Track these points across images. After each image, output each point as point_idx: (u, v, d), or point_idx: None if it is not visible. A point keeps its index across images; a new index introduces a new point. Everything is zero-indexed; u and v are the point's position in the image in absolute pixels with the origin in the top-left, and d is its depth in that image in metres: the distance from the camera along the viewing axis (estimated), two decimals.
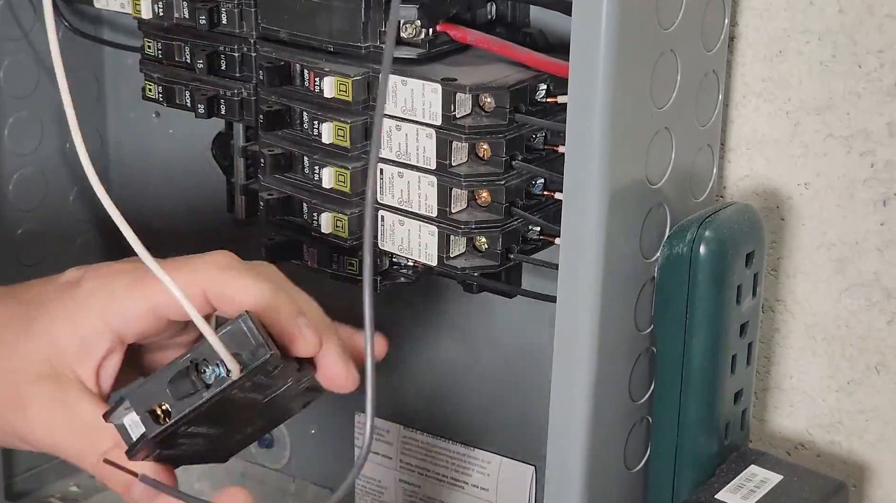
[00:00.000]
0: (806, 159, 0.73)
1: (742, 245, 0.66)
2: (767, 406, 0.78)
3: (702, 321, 0.65)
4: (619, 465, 0.69)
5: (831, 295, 0.74)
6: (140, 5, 0.78)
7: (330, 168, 0.72)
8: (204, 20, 0.76)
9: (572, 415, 0.64)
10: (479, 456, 0.85)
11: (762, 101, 0.73)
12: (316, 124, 0.72)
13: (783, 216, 0.75)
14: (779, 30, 0.72)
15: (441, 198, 0.69)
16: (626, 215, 0.63)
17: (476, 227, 0.69)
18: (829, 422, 0.76)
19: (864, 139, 0.71)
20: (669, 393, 0.67)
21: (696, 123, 0.68)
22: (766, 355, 0.77)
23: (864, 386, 0.75)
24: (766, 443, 0.78)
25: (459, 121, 0.67)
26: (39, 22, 0.90)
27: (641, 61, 0.62)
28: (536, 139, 0.69)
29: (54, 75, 0.55)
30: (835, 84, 0.71)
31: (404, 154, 0.70)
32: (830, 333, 0.75)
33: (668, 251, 0.66)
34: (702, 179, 0.70)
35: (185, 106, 0.79)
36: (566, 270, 0.63)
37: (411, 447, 0.88)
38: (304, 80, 0.72)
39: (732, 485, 0.67)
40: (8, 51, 0.89)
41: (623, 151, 0.62)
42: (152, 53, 0.80)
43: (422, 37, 0.69)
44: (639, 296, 0.66)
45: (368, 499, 0.91)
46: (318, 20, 0.71)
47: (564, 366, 0.64)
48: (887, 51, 0.69)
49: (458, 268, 0.71)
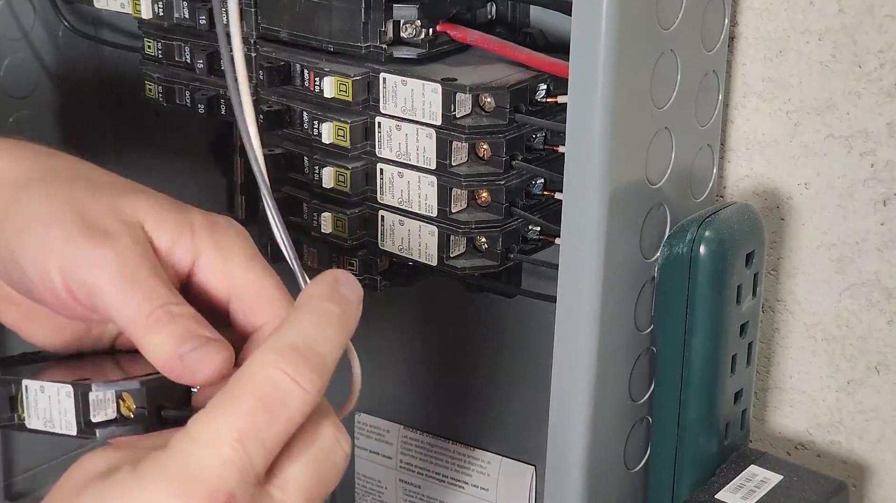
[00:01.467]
0: (806, 159, 0.73)
1: (742, 245, 0.66)
2: (767, 406, 0.78)
3: (702, 321, 0.65)
4: (619, 465, 0.69)
5: (831, 295, 0.74)
6: (140, 5, 0.78)
7: (330, 168, 0.72)
8: (204, 20, 0.76)
9: (572, 415, 0.64)
10: (479, 456, 0.85)
11: (762, 101, 0.73)
12: (316, 124, 0.72)
13: (783, 216, 0.75)
14: (779, 30, 0.72)
15: (441, 198, 0.69)
16: (626, 215, 0.63)
17: (476, 226, 0.69)
18: (829, 421, 0.76)
19: (865, 139, 0.71)
20: (669, 393, 0.67)
21: (696, 123, 0.68)
22: (766, 355, 0.77)
23: (864, 386, 0.75)
24: (766, 443, 0.78)
25: (459, 121, 0.67)
26: (39, 22, 0.90)
27: (641, 61, 0.62)
28: (536, 139, 0.69)
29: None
30: (835, 84, 0.71)
31: (404, 154, 0.70)
32: (830, 333, 0.75)
33: (668, 251, 0.66)
34: (702, 179, 0.70)
35: (185, 106, 0.79)
36: (566, 270, 0.63)
37: (411, 447, 0.88)
38: (304, 80, 0.72)
39: (732, 485, 0.67)
40: (8, 50, 0.89)
41: (623, 151, 0.62)
42: (152, 53, 0.80)
43: (422, 37, 0.69)
44: (639, 296, 0.66)
45: (368, 499, 0.91)
46: (318, 20, 0.71)
47: (564, 366, 0.64)
48: (887, 51, 0.69)
49: (458, 268, 0.71)
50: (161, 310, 0.49)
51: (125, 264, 0.50)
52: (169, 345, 0.48)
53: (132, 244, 0.50)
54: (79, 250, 0.50)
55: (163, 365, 0.49)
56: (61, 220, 0.50)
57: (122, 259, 0.50)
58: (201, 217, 0.53)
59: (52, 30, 0.91)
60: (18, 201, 0.52)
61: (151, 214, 0.52)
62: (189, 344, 0.48)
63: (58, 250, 0.50)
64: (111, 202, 0.52)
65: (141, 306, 0.49)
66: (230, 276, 0.52)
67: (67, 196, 0.51)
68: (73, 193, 0.52)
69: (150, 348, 0.49)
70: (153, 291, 0.49)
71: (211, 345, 0.48)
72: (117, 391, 0.49)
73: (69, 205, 0.51)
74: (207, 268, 0.52)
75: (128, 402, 0.49)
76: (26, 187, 0.52)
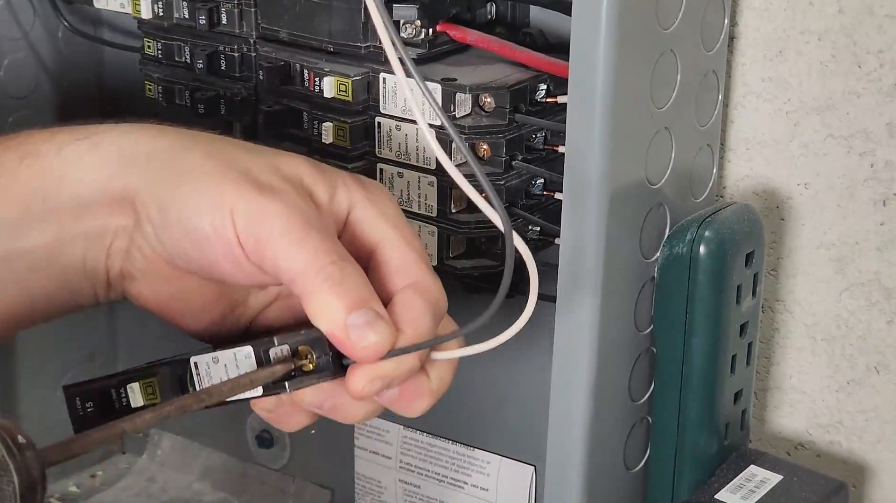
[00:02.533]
0: (806, 159, 0.73)
1: (742, 245, 0.66)
2: (767, 406, 0.78)
3: (702, 321, 0.65)
4: (619, 465, 0.69)
5: (831, 295, 0.74)
6: (140, 5, 0.78)
7: None
8: (204, 20, 0.76)
9: (572, 416, 0.64)
10: (478, 456, 0.85)
11: (762, 101, 0.73)
12: (316, 124, 0.72)
13: (783, 216, 0.75)
14: (778, 30, 0.72)
15: (441, 198, 0.69)
16: (625, 215, 0.63)
17: (476, 227, 0.69)
18: (828, 422, 0.76)
19: (864, 139, 0.71)
20: (669, 393, 0.67)
21: (695, 123, 0.68)
22: (765, 355, 0.77)
23: (863, 386, 0.75)
24: (765, 444, 0.78)
25: (459, 121, 0.67)
26: (39, 22, 0.90)
27: (641, 61, 0.62)
28: (536, 139, 0.69)
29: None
30: (834, 84, 0.71)
31: (404, 154, 0.70)
32: (830, 333, 0.75)
33: (667, 251, 0.66)
34: (702, 179, 0.70)
35: (184, 106, 0.79)
36: (566, 270, 0.63)
37: (411, 447, 0.88)
38: (304, 80, 0.72)
39: (732, 486, 0.67)
40: (8, 50, 0.89)
41: (623, 151, 0.62)
42: (152, 53, 0.80)
43: (422, 37, 0.69)
44: (638, 296, 0.66)
45: (368, 499, 0.91)
46: (318, 20, 0.71)
47: (564, 366, 0.64)
48: (887, 51, 0.69)
49: (458, 268, 0.71)
50: (332, 266, 0.49)
51: (295, 216, 0.50)
52: (339, 311, 0.49)
53: (298, 197, 0.51)
54: (250, 202, 0.50)
55: (329, 328, 0.49)
56: (228, 176, 0.51)
57: (291, 211, 0.50)
58: (352, 176, 0.54)
59: (51, 30, 0.91)
60: (179, 165, 0.52)
61: (308, 171, 0.53)
62: (360, 315, 0.49)
63: (230, 201, 0.50)
64: (269, 161, 0.52)
65: (313, 259, 0.49)
66: (380, 232, 0.53)
67: (229, 155, 0.52)
68: (233, 153, 0.52)
69: (320, 307, 0.49)
70: (323, 244, 0.50)
71: (380, 324, 0.49)
72: (293, 344, 0.50)
73: (232, 162, 0.51)
74: (359, 222, 0.53)
75: (306, 354, 0.50)
76: (182, 153, 0.52)
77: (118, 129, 0.54)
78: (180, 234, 0.51)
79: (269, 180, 0.51)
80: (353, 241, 0.53)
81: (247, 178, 0.51)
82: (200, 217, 0.50)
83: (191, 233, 0.51)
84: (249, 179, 0.51)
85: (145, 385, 0.53)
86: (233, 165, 0.51)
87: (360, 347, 0.49)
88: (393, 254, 0.52)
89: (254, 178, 0.51)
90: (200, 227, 0.50)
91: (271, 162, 0.52)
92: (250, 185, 0.50)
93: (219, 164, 0.51)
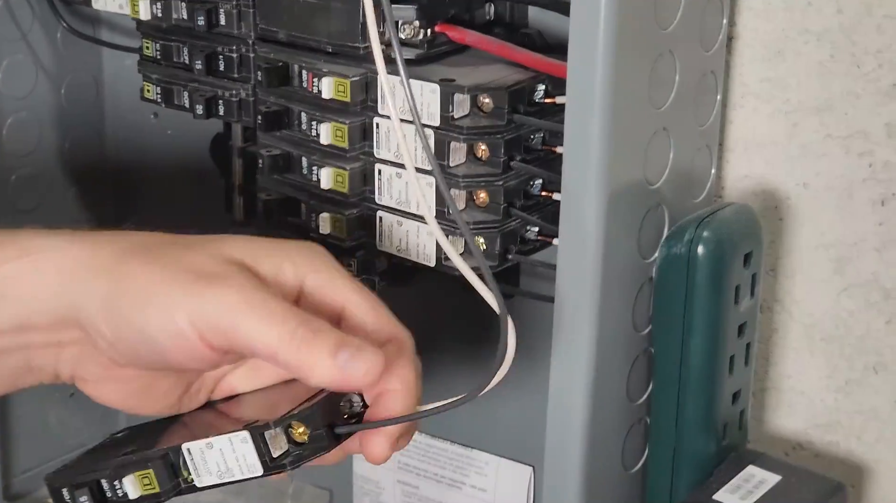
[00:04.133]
0: (804, 159, 0.73)
1: (740, 245, 0.66)
2: (765, 406, 0.78)
3: (700, 321, 0.65)
4: (617, 466, 0.69)
5: (830, 295, 0.74)
6: (138, 6, 0.78)
7: (328, 169, 0.72)
8: (202, 21, 0.76)
9: (571, 416, 0.64)
10: (477, 456, 0.85)
11: (761, 101, 0.73)
12: (314, 125, 0.72)
13: (781, 216, 0.75)
14: (777, 30, 0.72)
15: (439, 198, 0.69)
16: (624, 216, 0.63)
17: (474, 227, 0.69)
18: (827, 422, 0.76)
19: (863, 139, 0.71)
20: (667, 393, 0.67)
21: (694, 124, 0.68)
22: (764, 355, 0.77)
23: (862, 386, 0.75)
24: (764, 444, 0.78)
25: (458, 121, 0.67)
26: (38, 22, 0.90)
27: (640, 62, 0.62)
28: (535, 140, 0.69)
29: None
30: (833, 84, 0.71)
31: (403, 155, 0.70)
32: (829, 333, 0.75)
33: (666, 251, 0.66)
34: (700, 180, 0.70)
35: (183, 107, 0.79)
36: (564, 271, 0.63)
37: (410, 447, 0.87)
38: (303, 80, 0.72)
39: (730, 486, 0.67)
40: (6, 51, 0.89)
41: (621, 152, 0.62)
42: (150, 54, 0.80)
43: (420, 37, 0.69)
44: (637, 296, 0.66)
45: (367, 499, 0.91)
46: (317, 21, 0.71)
47: (562, 366, 0.64)
48: (886, 51, 0.69)
49: (456, 268, 0.70)
50: (302, 327, 0.52)
51: (250, 296, 0.52)
52: (325, 362, 0.51)
53: (246, 279, 0.53)
54: (201, 297, 0.52)
55: (325, 380, 0.52)
56: (176, 279, 0.52)
57: (245, 292, 0.52)
58: (295, 246, 0.56)
59: (50, 31, 0.91)
60: (123, 278, 0.53)
61: (247, 252, 0.55)
62: (344, 353, 0.51)
63: (182, 305, 0.52)
64: (207, 250, 0.54)
65: (282, 329, 0.51)
66: (341, 295, 0.56)
67: (169, 256, 0.54)
68: (173, 253, 0.54)
69: (308, 364, 0.51)
70: (286, 313, 0.52)
71: (365, 351, 0.52)
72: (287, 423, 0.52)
73: (174, 263, 0.53)
74: (318, 289, 0.55)
75: (299, 430, 0.52)
76: (123, 265, 0.54)
77: (53, 243, 0.55)
78: (137, 343, 0.53)
79: (214, 270, 0.53)
80: (319, 306, 0.55)
81: (193, 275, 0.52)
82: (157, 327, 0.52)
83: (149, 343, 0.52)
84: (195, 275, 0.52)
85: (141, 476, 0.54)
86: (175, 266, 0.53)
87: (359, 377, 0.52)
88: (364, 314, 0.56)
89: (198, 271, 0.53)
90: (156, 338, 0.52)
91: (211, 250, 0.54)
92: (198, 280, 0.52)
93: (162, 268, 0.53)
